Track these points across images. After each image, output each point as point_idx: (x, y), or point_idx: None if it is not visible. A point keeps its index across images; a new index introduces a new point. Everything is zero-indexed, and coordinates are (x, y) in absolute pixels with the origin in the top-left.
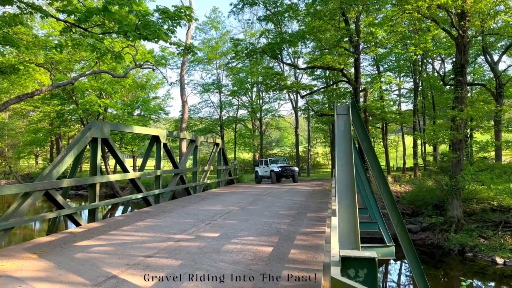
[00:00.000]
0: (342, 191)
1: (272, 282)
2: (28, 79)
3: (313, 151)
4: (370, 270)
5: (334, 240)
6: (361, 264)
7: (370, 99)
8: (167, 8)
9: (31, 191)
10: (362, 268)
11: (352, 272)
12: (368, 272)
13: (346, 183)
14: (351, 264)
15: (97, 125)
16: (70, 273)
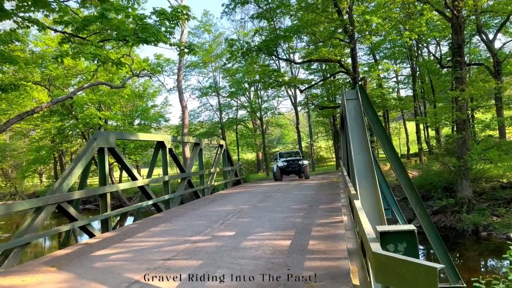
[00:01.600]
0: (362, 174)
1: (296, 273)
2: (26, 98)
3: (316, 146)
4: (410, 243)
5: (364, 220)
6: (400, 238)
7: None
8: (164, 9)
9: (43, 205)
10: (401, 242)
11: (391, 247)
12: (408, 245)
13: (365, 165)
14: (390, 239)
15: (102, 134)
16: (92, 282)
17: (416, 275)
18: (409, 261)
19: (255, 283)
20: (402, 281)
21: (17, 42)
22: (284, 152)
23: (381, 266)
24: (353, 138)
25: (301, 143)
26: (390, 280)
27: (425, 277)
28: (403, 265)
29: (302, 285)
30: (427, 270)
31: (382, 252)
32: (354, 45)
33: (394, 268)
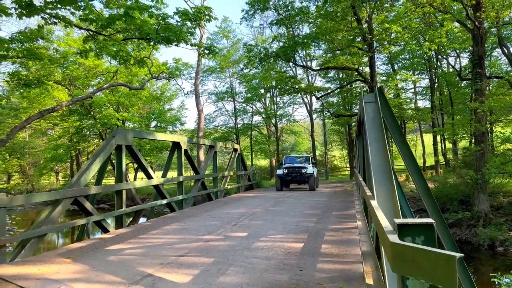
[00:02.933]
0: (378, 176)
1: (309, 274)
2: (47, 97)
3: (330, 155)
4: (428, 237)
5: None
6: (418, 232)
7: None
8: (187, 9)
9: (60, 198)
10: (419, 235)
11: (408, 239)
12: (426, 239)
13: (382, 167)
14: (408, 232)
15: (121, 132)
16: (106, 274)
17: (435, 264)
18: (428, 250)
19: (267, 281)
20: (420, 270)
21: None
22: (290, 157)
23: (398, 256)
24: (370, 140)
25: (315, 151)
26: (408, 269)
27: (444, 266)
28: (422, 254)
29: (315, 285)
30: (447, 259)
31: (400, 242)
32: (372, 54)
33: (413, 257)
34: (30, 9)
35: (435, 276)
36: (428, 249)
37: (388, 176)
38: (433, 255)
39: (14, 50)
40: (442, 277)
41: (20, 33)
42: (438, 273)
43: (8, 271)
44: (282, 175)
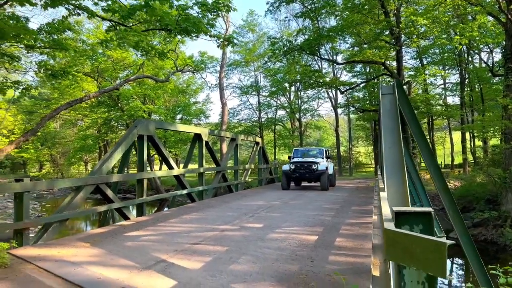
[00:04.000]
0: (391, 168)
1: (319, 266)
2: (77, 89)
3: (355, 151)
4: (426, 225)
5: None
6: (416, 220)
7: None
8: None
9: (82, 185)
10: (417, 224)
11: (406, 228)
12: (424, 228)
13: (394, 159)
14: (405, 220)
15: (143, 122)
16: (121, 258)
17: (426, 251)
18: (419, 237)
19: (277, 270)
20: (412, 257)
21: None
22: (301, 149)
23: (392, 243)
24: (385, 132)
25: (339, 147)
26: (400, 256)
27: (434, 252)
28: (413, 241)
29: (324, 276)
30: (436, 245)
31: (393, 228)
32: (400, 47)
33: (405, 244)
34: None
35: (426, 263)
36: (419, 235)
37: (400, 168)
38: (424, 242)
39: (42, 40)
40: (432, 264)
41: (48, 25)
42: (428, 260)
43: (29, 252)
44: (288, 171)
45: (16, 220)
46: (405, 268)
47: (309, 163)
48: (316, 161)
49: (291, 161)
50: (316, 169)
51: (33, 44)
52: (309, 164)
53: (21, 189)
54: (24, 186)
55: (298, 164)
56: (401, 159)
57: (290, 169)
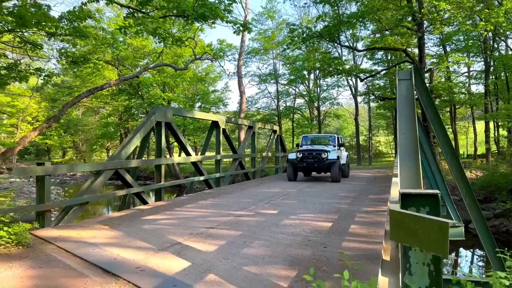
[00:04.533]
0: (405, 154)
1: (332, 251)
2: (98, 77)
3: (375, 140)
4: (433, 208)
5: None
6: (422, 202)
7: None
8: None
9: (102, 169)
10: (423, 206)
11: (412, 210)
12: (431, 210)
13: (409, 145)
14: (412, 202)
15: (161, 109)
16: (138, 240)
17: (429, 231)
18: (422, 217)
19: (289, 254)
20: (416, 237)
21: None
22: (310, 136)
23: (396, 224)
24: (400, 118)
25: (359, 136)
26: (404, 237)
27: (437, 232)
28: (417, 222)
29: (336, 261)
30: (439, 225)
31: (398, 209)
32: (422, 34)
33: (409, 225)
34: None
35: (428, 243)
36: (422, 215)
37: (414, 154)
38: (426, 222)
39: (63, 28)
40: (435, 244)
41: (69, 12)
42: (431, 240)
43: (50, 233)
44: (294, 160)
45: (38, 203)
46: (410, 250)
47: (318, 151)
48: (326, 149)
49: (298, 149)
50: (326, 158)
51: (54, 32)
52: (318, 153)
53: (42, 173)
54: (45, 170)
55: (305, 152)
56: (416, 145)
57: (297, 158)
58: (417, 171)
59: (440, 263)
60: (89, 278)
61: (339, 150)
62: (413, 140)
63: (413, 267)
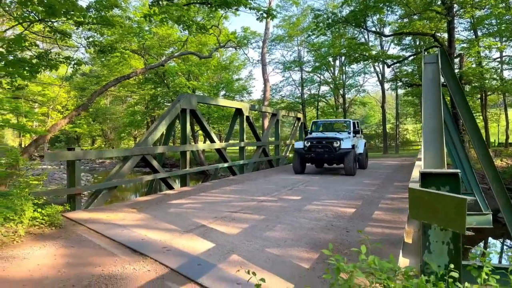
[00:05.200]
0: (429, 139)
1: (354, 235)
2: (124, 66)
3: (402, 128)
4: (453, 187)
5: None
6: (442, 181)
7: (467, 65)
8: None
9: (129, 155)
10: (444, 185)
11: (433, 189)
12: (451, 189)
13: (434, 128)
14: (432, 181)
15: (185, 97)
16: (165, 222)
17: (447, 207)
18: (441, 194)
19: (311, 238)
20: (434, 214)
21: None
22: (321, 121)
23: (415, 202)
24: (425, 101)
25: (385, 123)
26: (423, 214)
27: (455, 208)
28: (435, 199)
29: (357, 245)
30: (457, 201)
31: (417, 187)
32: (452, 18)
33: (428, 202)
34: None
35: (447, 219)
36: (441, 193)
37: (439, 137)
38: (444, 199)
39: (90, 17)
40: (452, 220)
41: (96, 2)
42: (449, 216)
43: (81, 216)
44: (301, 149)
45: (69, 186)
46: (430, 229)
47: (329, 139)
48: (339, 137)
49: (306, 137)
50: (339, 148)
51: (82, 21)
52: (329, 141)
53: (72, 157)
54: (75, 155)
55: (314, 141)
56: (440, 129)
57: (304, 147)
58: (441, 155)
59: (459, 241)
60: (118, 257)
61: (355, 137)
62: (438, 124)
63: (433, 246)
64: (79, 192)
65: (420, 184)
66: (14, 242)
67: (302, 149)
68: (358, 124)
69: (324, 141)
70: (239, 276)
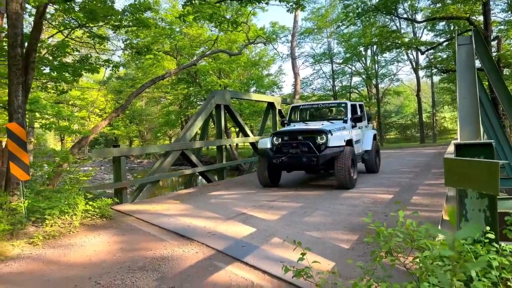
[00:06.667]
0: (465, 119)
1: (393, 219)
2: (158, 67)
3: (439, 116)
4: (487, 156)
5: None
6: (477, 152)
7: (505, 48)
8: None
9: (170, 150)
10: (478, 155)
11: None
12: (485, 158)
13: (469, 109)
14: (466, 152)
15: (219, 93)
16: (207, 211)
17: (480, 172)
18: (473, 160)
19: (349, 222)
20: (468, 180)
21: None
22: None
23: (450, 170)
24: (460, 83)
25: (421, 112)
26: (458, 181)
27: (487, 172)
28: (469, 165)
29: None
30: (489, 166)
31: (450, 156)
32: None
33: (462, 169)
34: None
35: (480, 183)
36: (473, 159)
37: (474, 118)
38: (478, 164)
39: (126, 20)
40: (486, 184)
41: (131, 5)
42: (483, 180)
43: (128, 208)
44: (267, 150)
45: (116, 181)
46: (466, 198)
47: (309, 133)
48: (325, 129)
49: (275, 131)
50: (324, 145)
51: (119, 24)
52: (308, 136)
53: (118, 153)
54: (121, 151)
55: (286, 136)
56: (476, 110)
57: (272, 146)
58: (477, 133)
59: (496, 209)
60: (167, 242)
61: (356, 127)
62: (473, 105)
63: (469, 214)
64: (125, 186)
65: (454, 155)
66: (70, 232)
67: (269, 150)
68: (361, 108)
69: (301, 136)
70: (282, 256)
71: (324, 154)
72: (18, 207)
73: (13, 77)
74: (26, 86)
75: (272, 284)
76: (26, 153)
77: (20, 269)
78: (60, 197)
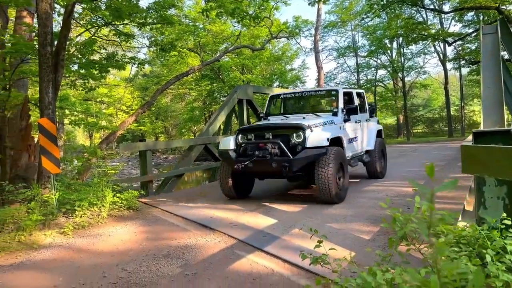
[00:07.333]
0: (489, 107)
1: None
2: (182, 64)
3: (468, 110)
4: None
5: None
6: (495, 140)
7: None
8: None
9: (193, 144)
10: (496, 143)
11: None
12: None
13: (493, 98)
14: (483, 140)
15: (242, 88)
16: (229, 203)
17: (498, 158)
18: (491, 147)
19: (371, 214)
20: (485, 166)
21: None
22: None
23: (467, 157)
24: (484, 72)
25: (449, 106)
26: (475, 168)
27: (505, 158)
28: (485, 152)
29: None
30: (508, 152)
31: (467, 143)
32: None
33: (478, 156)
34: None
35: (499, 169)
36: (491, 146)
37: (499, 107)
38: (496, 151)
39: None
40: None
41: (155, 3)
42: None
43: (154, 200)
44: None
45: (142, 174)
46: (484, 186)
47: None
48: (303, 124)
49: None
50: (301, 145)
51: (144, 22)
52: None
53: (144, 147)
54: (147, 145)
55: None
56: (500, 99)
57: (236, 147)
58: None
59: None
60: (191, 231)
61: (349, 122)
62: (497, 94)
63: (488, 202)
64: (151, 179)
65: (472, 143)
66: (98, 223)
67: (231, 152)
68: (360, 97)
69: (271, 134)
70: (302, 246)
71: (299, 158)
72: (49, 199)
73: (44, 75)
74: (56, 83)
75: (292, 272)
76: (56, 147)
77: (52, 257)
78: (89, 190)
